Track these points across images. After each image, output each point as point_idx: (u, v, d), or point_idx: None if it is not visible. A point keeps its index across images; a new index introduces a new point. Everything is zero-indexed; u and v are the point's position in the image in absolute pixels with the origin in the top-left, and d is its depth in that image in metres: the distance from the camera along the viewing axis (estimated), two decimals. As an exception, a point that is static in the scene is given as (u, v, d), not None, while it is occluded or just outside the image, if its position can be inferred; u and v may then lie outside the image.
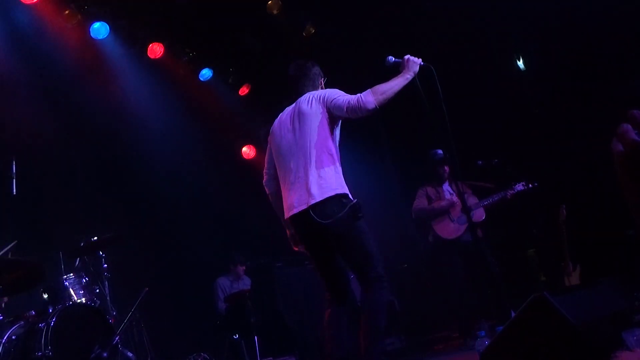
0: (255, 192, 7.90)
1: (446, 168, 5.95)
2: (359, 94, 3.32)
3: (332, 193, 3.26)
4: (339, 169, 3.37)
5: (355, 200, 3.32)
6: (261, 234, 7.62)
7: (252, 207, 7.84)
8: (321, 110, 3.40)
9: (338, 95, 3.40)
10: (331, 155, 3.35)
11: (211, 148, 7.70)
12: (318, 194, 3.26)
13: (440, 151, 5.96)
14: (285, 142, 3.50)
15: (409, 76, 3.38)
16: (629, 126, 0.91)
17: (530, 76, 7.47)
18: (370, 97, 3.27)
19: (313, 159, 3.34)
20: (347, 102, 3.31)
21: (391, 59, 3.54)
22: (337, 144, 3.47)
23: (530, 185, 5.71)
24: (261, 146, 8.32)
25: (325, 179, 3.28)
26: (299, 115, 3.45)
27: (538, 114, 7.31)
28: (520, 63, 7.54)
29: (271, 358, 5.79)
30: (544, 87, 7.25)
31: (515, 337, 2.42)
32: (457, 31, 7.00)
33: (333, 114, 3.41)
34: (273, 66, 7.22)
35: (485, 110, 7.35)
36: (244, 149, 8.22)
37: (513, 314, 2.70)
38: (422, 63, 3.46)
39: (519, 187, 5.70)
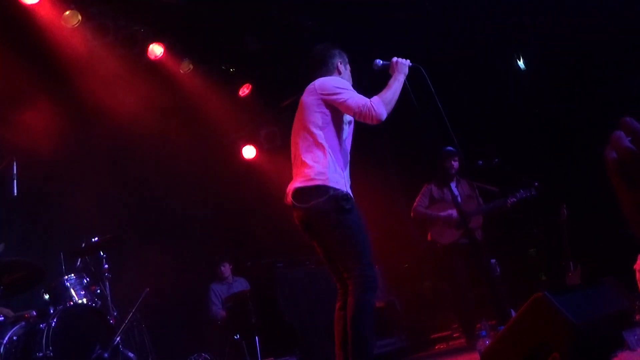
0: (256, 193, 8.00)
1: (454, 163, 5.78)
2: (369, 101, 3.20)
3: (313, 183, 3.14)
4: (332, 161, 3.19)
5: (340, 190, 3.12)
6: (262, 235, 7.63)
7: (253, 207, 7.87)
8: (317, 101, 3.28)
9: (341, 92, 3.25)
10: (323, 146, 3.21)
11: (212, 148, 7.70)
12: (299, 181, 3.20)
13: (450, 147, 5.80)
14: (292, 131, 3.45)
15: (401, 78, 3.35)
16: (622, 133, 0.91)
17: (530, 76, 7.47)
18: (382, 109, 3.19)
19: (303, 150, 3.26)
20: (357, 106, 3.19)
21: (379, 62, 3.49)
22: (341, 133, 3.31)
23: (532, 193, 5.56)
24: (261, 146, 8.37)
25: (312, 169, 3.17)
26: (300, 104, 3.39)
27: (538, 114, 7.31)
28: (521, 63, 7.54)
29: (272, 358, 5.79)
30: (544, 87, 7.25)
31: (515, 337, 2.42)
32: (457, 31, 7.00)
33: (334, 107, 3.28)
34: (273, 66, 7.22)
35: (486, 111, 7.35)
36: (245, 149, 8.22)
37: (513, 314, 2.71)
38: (410, 64, 3.42)
39: (520, 194, 5.55)
